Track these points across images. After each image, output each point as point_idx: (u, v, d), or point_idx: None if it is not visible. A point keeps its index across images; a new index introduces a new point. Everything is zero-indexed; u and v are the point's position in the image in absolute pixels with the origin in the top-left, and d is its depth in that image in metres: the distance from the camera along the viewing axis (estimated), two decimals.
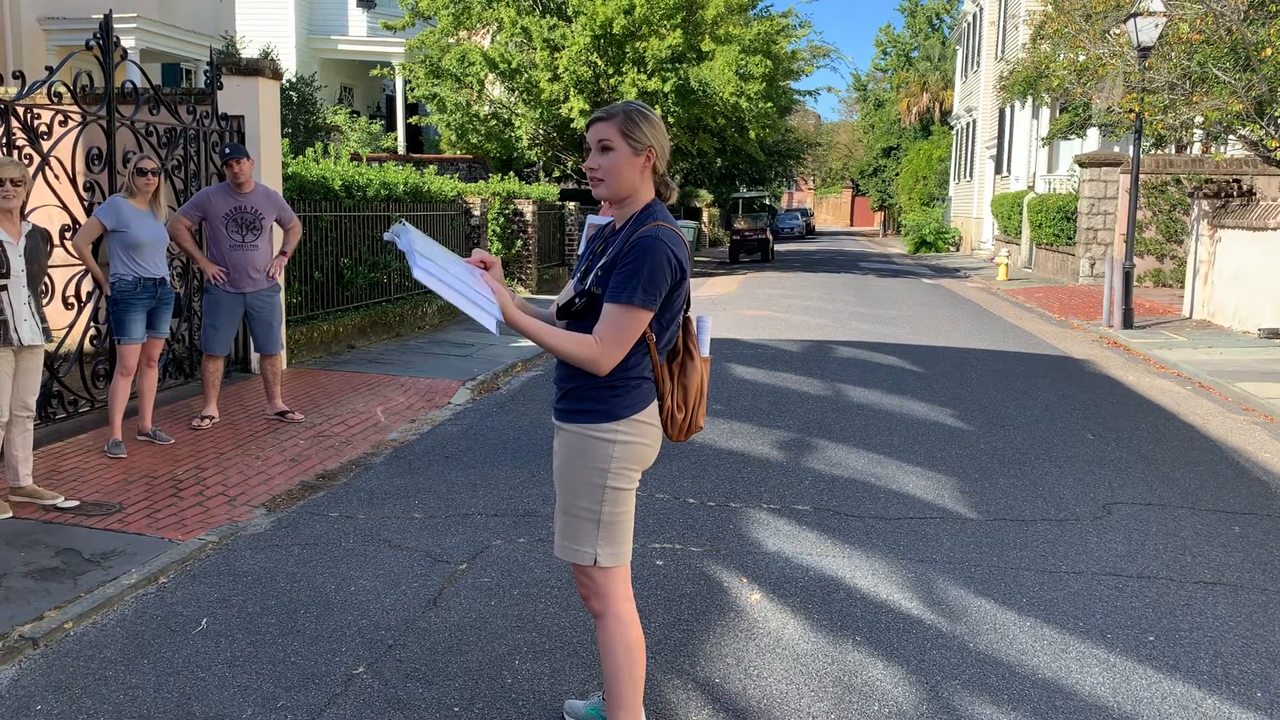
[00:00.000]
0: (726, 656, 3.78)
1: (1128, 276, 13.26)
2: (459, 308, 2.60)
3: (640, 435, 2.79)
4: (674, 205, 3.01)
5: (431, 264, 2.58)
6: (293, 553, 4.76)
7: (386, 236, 2.67)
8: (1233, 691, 3.57)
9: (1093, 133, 22.34)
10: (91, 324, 6.79)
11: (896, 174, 50.81)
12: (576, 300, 2.75)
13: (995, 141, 31.48)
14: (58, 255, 6.22)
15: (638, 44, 20.47)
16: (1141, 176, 16.49)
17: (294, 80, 19.72)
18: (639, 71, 20.43)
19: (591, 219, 3.96)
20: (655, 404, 2.82)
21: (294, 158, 10.38)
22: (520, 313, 2.69)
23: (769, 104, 22.18)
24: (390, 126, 26.66)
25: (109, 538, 4.82)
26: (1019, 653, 3.83)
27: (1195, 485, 6.10)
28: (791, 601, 4.28)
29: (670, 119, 21.08)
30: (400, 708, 3.36)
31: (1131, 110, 13.21)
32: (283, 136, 9.49)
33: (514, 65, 21.05)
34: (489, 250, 15.80)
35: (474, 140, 22.49)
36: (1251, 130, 12.60)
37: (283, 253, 7.21)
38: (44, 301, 5.46)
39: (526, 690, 3.49)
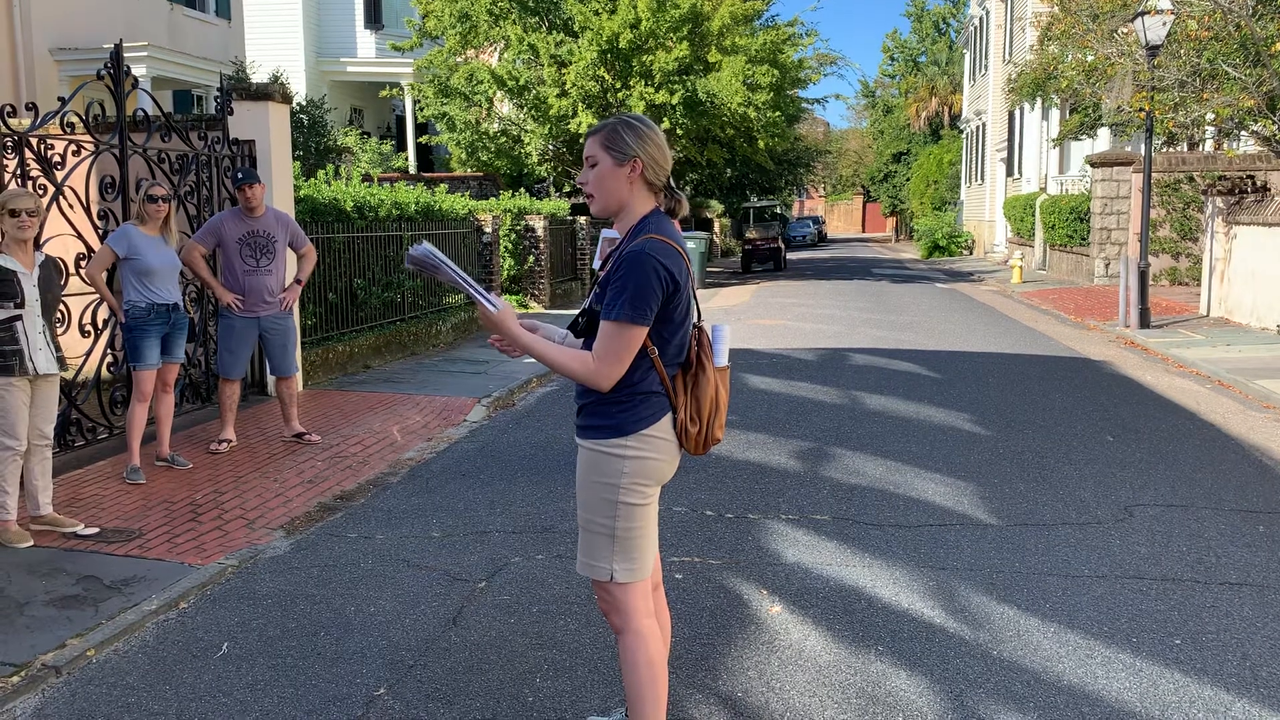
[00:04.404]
0: (748, 669, 3.76)
1: (1143, 275, 13.18)
2: (460, 288, 2.72)
3: (651, 450, 2.78)
4: (685, 217, 3.02)
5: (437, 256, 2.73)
6: (312, 575, 4.77)
7: (407, 263, 2.77)
8: (1262, 694, 3.52)
9: (1103, 133, 22.27)
10: (108, 351, 6.83)
11: (907, 179, 50.78)
12: (580, 319, 2.81)
13: (1005, 144, 31.40)
14: (73, 284, 6.27)
15: (644, 57, 20.52)
16: (1154, 175, 16.41)
17: (304, 103, 19.84)
18: (646, 85, 20.48)
19: (606, 233, 3.96)
20: (668, 418, 2.81)
21: (306, 180, 10.42)
22: (522, 329, 2.75)
23: (777, 113, 22.18)
24: (401, 146, 26.80)
25: (129, 564, 4.84)
26: (1043, 659, 3.80)
27: (1218, 485, 6.05)
28: (812, 613, 4.26)
29: (679, 131, 21.10)
30: None
31: (1142, 109, 13.16)
32: (294, 159, 9.54)
33: (522, 82, 21.14)
34: (501, 266, 15.84)
35: (484, 158, 22.60)
36: (1264, 126, 12.54)
37: (298, 280, 7.24)
38: (61, 330, 5.51)
39: (548, 708, 3.48)
